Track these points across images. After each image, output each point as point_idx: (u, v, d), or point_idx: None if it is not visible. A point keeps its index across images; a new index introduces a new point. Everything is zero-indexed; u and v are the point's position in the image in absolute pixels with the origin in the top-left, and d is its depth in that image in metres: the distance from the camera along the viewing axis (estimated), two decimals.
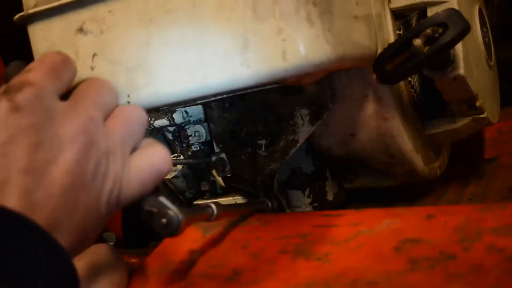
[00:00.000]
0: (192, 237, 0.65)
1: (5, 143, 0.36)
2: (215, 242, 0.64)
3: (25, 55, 0.67)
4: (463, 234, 0.49)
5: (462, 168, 0.98)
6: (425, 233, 0.51)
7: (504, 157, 1.01)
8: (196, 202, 0.82)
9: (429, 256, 0.48)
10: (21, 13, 0.62)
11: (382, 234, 0.54)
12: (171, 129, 0.83)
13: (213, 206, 0.57)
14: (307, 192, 0.80)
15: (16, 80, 0.41)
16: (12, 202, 0.35)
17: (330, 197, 0.82)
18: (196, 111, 0.81)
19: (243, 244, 0.61)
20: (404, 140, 0.73)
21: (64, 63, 0.46)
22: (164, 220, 0.47)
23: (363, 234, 0.55)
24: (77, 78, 0.60)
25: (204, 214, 0.56)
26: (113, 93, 0.50)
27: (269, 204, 0.72)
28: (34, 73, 0.41)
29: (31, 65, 0.43)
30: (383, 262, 0.49)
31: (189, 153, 0.82)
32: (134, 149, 0.48)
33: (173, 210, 0.48)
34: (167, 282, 0.59)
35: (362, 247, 0.53)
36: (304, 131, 0.72)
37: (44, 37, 0.62)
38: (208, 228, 0.66)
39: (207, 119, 0.80)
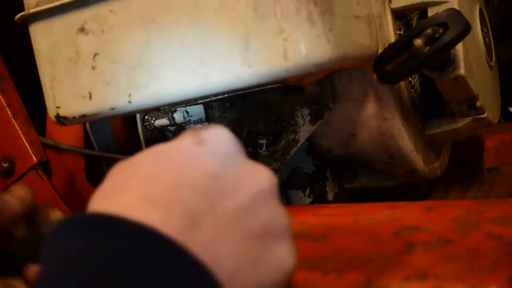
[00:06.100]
0: None
1: (183, 165, 0.35)
2: None
3: (26, 55, 0.67)
4: (462, 223, 0.49)
5: (463, 174, 0.98)
6: (424, 222, 0.52)
7: (506, 166, 1.01)
8: None
9: (427, 240, 0.48)
10: (22, 13, 0.62)
11: (381, 222, 0.54)
12: (171, 128, 0.83)
13: None
14: (307, 192, 0.80)
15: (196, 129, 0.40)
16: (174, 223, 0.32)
17: (330, 197, 0.82)
18: (197, 110, 0.81)
19: None
20: (405, 140, 0.73)
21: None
22: None
23: (362, 222, 0.55)
24: (79, 78, 0.60)
25: None
26: None
27: None
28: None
29: None
30: (381, 244, 0.50)
31: None
32: None
33: None
34: None
35: (360, 231, 0.53)
36: (305, 130, 0.72)
37: (45, 37, 0.62)
38: None
39: (208, 119, 0.80)
